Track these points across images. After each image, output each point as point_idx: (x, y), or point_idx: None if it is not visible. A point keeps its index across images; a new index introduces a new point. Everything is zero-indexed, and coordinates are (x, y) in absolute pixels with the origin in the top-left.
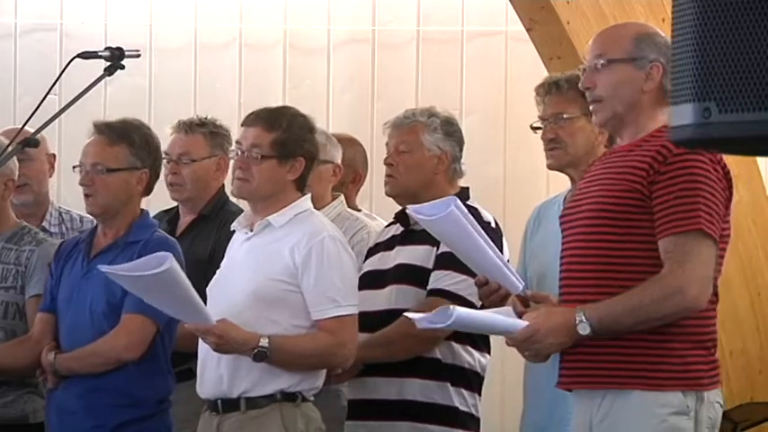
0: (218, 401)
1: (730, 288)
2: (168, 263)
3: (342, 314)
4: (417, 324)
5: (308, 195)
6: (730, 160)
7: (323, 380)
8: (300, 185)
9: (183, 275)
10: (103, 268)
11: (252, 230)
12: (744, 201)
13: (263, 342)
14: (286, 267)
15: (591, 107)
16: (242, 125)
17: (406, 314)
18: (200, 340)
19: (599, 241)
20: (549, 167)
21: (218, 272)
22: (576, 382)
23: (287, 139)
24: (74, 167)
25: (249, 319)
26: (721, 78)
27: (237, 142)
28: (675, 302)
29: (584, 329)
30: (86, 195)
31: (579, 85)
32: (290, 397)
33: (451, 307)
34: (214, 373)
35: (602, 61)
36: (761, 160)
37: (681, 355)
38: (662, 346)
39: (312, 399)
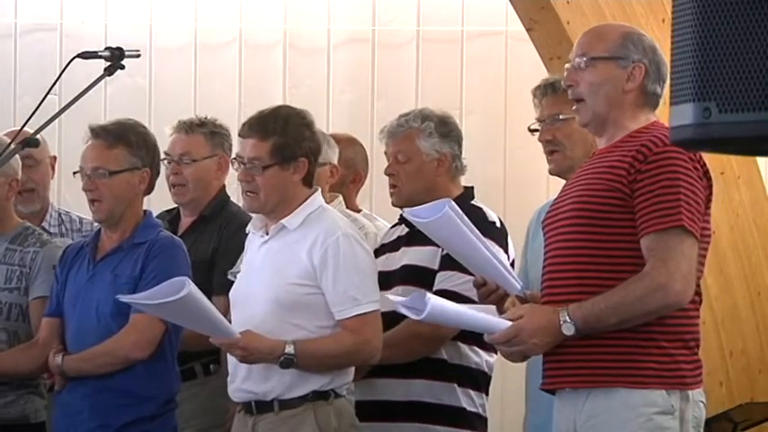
0: (252, 403)
1: (730, 288)
2: (186, 289)
3: (363, 312)
4: (396, 308)
5: (318, 190)
6: (730, 160)
7: (353, 374)
8: (308, 181)
9: (201, 296)
10: (123, 298)
11: (267, 233)
12: (744, 201)
13: (289, 349)
14: (305, 270)
15: (573, 106)
16: (239, 135)
17: (385, 293)
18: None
19: (581, 241)
20: (551, 173)
21: (238, 276)
22: (559, 382)
23: (284, 143)
24: (74, 173)
25: (274, 327)
26: (721, 78)
27: (238, 155)
28: (659, 299)
29: (568, 330)
30: (91, 201)
31: (562, 82)
32: (322, 395)
33: (428, 296)
34: (246, 381)
35: (585, 59)
36: (761, 160)
37: (665, 353)
38: (646, 345)
39: (345, 394)
